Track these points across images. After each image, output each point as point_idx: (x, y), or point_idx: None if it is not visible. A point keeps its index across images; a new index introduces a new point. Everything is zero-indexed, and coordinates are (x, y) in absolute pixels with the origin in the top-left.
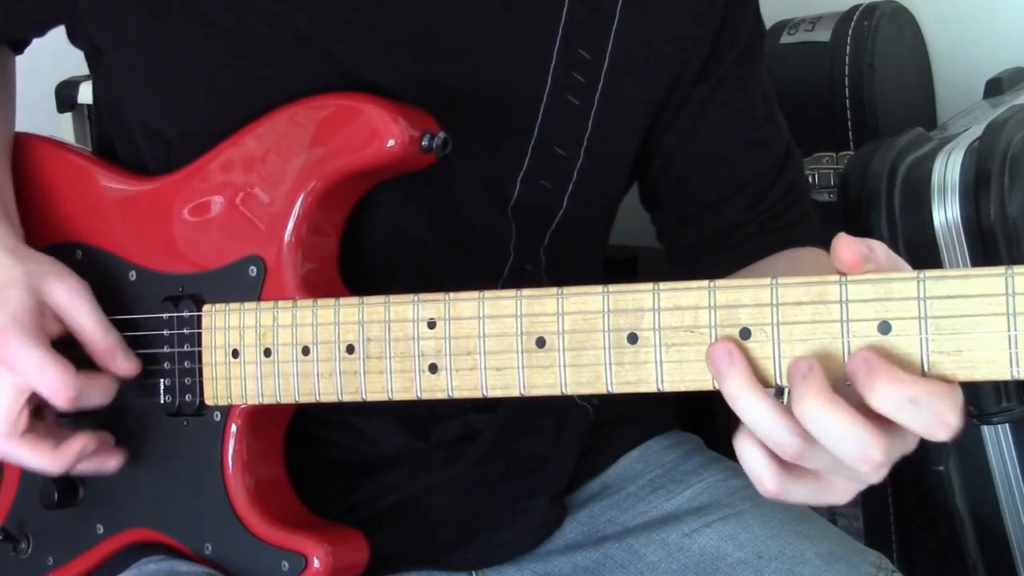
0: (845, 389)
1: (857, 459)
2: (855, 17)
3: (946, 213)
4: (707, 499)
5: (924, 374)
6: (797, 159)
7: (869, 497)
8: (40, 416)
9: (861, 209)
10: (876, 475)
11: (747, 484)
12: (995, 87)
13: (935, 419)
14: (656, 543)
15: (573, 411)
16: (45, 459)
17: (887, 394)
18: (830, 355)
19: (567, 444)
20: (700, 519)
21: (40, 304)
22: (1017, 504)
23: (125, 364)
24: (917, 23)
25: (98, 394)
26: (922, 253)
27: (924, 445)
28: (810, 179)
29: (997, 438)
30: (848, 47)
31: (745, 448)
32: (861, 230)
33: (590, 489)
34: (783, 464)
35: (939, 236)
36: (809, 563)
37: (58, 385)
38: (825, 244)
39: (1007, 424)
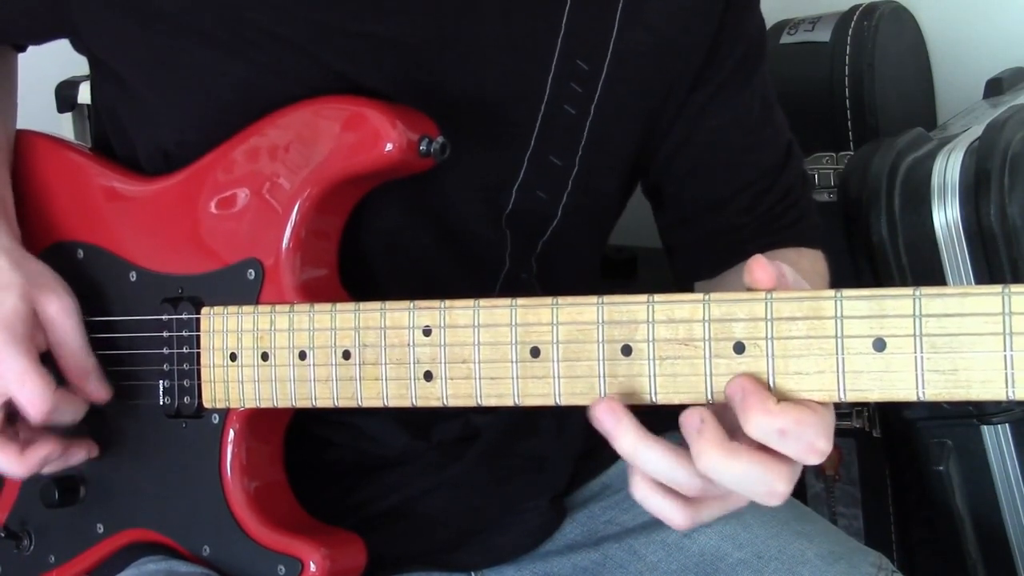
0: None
1: (764, 496)
2: (855, 17)
3: (946, 213)
4: None
5: (919, 396)
6: (797, 160)
7: (869, 497)
8: (12, 422)
9: (861, 209)
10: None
11: None
12: (995, 87)
13: (805, 448)
14: (656, 543)
15: (574, 412)
16: (12, 463)
17: (759, 424)
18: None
19: (568, 445)
20: None
21: (33, 313)
22: (1017, 504)
23: (96, 389)
24: (917, 23)
25: (70, 413)
26: (922, 253)
27: (924, 444)
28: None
29: (997, 438)
30: (848, 47)
31: (645, 495)
32: (861, 230)
33: (590, 489)
34: (687, 498)
35: (939, 236)
36: (809, 563)
37: (35, 398)
38: (825, 244)
39: (1007, 424)
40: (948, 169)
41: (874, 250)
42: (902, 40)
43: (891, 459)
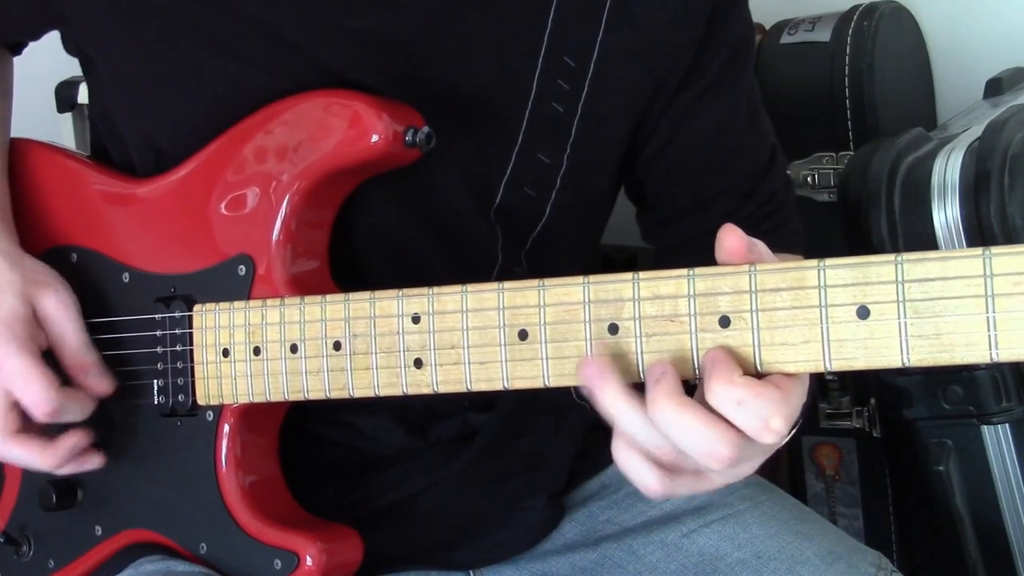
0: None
1: (706, 455)
2: (855, 17)
3: (946, 213)
4: (706, 499)
5: (904, 363)
6: (781, 166)
7: (869, 497)
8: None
9: (861, 209)
10: (745, 468)
11: (746, 484)
12: (995, 87)
13: (758, 421)
14: (655, 543)
15: (572, 410)
16: (38, 456)
17: (718, 393)
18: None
19: (566, 443)
20: (699, 519)
21: (32, 312)
22: (1017, 504)
23: (98, 382)
24: (917, 23)
25: (76, 410)
26: None
27: (924, 444)
28: (810, 179)
29: (997, 438)
30: (848, 47)
31: (626, 457)
32: (861, 230)
33: (589, 488)
34: (664, 466)
35: (939, 236)
36: (808, 563)
37: (39, 399)
38: (821, 245)
39: (1007, 424)
40: (948, 169)
41: (874, 250)
42: (902, 40)
43: (891, 459)
